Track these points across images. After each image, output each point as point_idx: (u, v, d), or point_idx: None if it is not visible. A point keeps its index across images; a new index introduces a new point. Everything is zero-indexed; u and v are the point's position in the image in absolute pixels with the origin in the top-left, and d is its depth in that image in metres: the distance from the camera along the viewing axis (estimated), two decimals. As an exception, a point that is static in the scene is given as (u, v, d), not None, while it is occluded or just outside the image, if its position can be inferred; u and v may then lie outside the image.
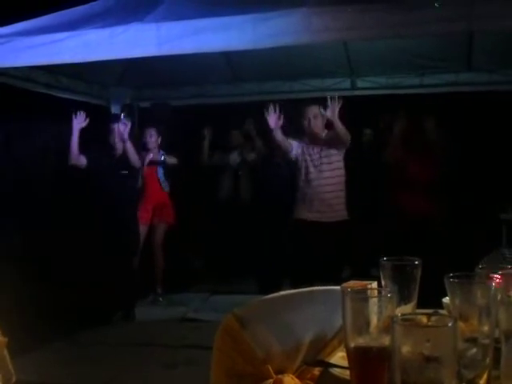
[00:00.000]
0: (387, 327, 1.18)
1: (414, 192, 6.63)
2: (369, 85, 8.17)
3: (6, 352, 2.41)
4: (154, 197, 7.53)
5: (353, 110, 8.21)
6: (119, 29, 5.05)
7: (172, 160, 7.66)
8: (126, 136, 6.81)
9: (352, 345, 1.27)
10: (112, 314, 7.00)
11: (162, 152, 7.67)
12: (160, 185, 7.59)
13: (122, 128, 6.81)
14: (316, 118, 6.11)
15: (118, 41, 5.04)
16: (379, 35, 5.05)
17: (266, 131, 6.85)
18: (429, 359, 1.03)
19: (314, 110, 6.11)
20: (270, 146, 7.58)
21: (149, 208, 7.47)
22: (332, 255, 5.91)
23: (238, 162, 8.35)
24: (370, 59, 7.49)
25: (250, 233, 7.70)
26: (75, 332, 6.36)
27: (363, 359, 1.27)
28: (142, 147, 7.46)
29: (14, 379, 2.47)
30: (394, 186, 6.90)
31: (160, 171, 7.60)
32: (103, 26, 5.16)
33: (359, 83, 8.21)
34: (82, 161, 6.79)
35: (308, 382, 1.71)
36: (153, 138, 7.62)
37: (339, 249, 6.01)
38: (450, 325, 1.06)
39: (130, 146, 6.84)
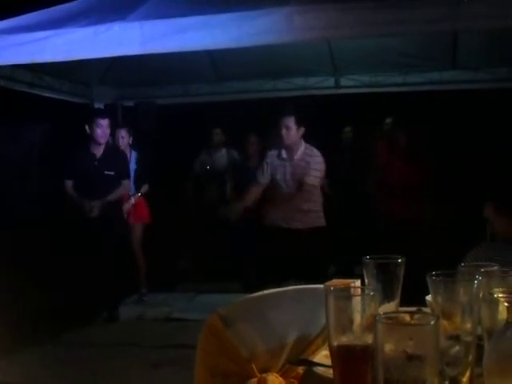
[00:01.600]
0: (370, 325, 1.19)
1: (398, 192, 6.66)
2: (352, 83, 8.18)
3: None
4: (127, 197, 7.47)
5: (336, 108, 8.26)
6: (103, 27, 5.02)
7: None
8: (107, 134, 6.83)
9: (335, 343, 1.27)
10: (95, 314, 6.97)
11: (133, 153, 7.61)
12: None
13: (103, 126, 6.80)
14: (289, 130, 6.08)
15: (101, 39, 5.01)
16: (363, 34, 5.05)
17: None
18: (411, 357, 1.03)
19: (287, 122, 6.08)
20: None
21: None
22: (315, 257, 5.93)
23: (224, 163, 8.35)
24: (353, 57, 7.49)
25: (235, 232, 7.69)
26: (59, 333, 6.33)
27: (346, 358, 1.26)
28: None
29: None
30: (376, 186, 6.93)
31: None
32: (87, 25, 5.13)
33: (343, 81, 8.22)
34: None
35: (292, 380, 1.71)
36: (124, 139, 7.54)
37: (320, 252, 6.03)
38: (432, 323, 1.06)
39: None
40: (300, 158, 6.13)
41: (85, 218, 6.74)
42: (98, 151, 6.94)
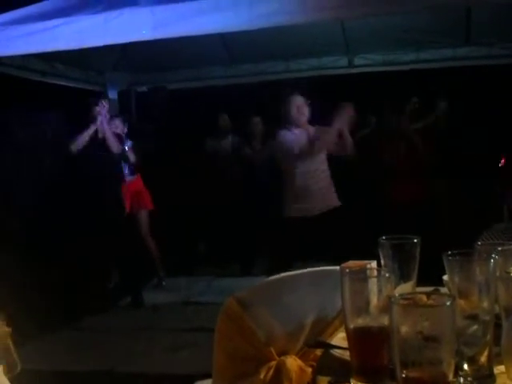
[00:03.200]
0: (386, 307, 1.18)
1: (412, 171, 6.62)
2: (366, 62, 8.13)
3: (10, 342, 2.42)
4: (128, 186, 7.44)
5: (350, 87, 8.20)
6: (114, 14, 5.01)
7: (132, 157, 7.36)
8: (103, 118, 6.77)
9: (351, 326, 1.27)
10: (117, 299, 7.03)
11: (129, 143, 7.40)
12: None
13: (100, 110, 6.76)
14: (300, 109, 5.97)
15: (112, 26, 5.00)
16: (375, 12, 5.01)
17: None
18: (427, 338, 1.03)
19: (297, 101, 5.99)
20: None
21: (127, 197, 7.39)
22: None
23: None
24: (366, 36, 7.44)
25: (255, 215, 7.69)
26: (79, 318, 6.39)
27: (363, 339, 1.27)
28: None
29: (19, 368, 2.48)
30: (390, 165, 6.88)
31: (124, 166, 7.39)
32: (97, 12, 5.12)
33: (356, 61, 8.17)
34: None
35: (311, 362, 1.71)
36: (118, 128, 7.31)
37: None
38: (448, 304, 1.06)
39: (107, 129, 6.78)
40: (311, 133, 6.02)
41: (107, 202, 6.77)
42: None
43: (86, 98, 6.99)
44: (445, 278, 1.51)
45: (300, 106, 5.93)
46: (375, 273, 1.40)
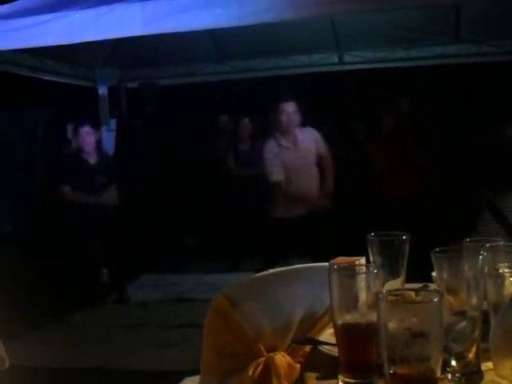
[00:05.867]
0: (375, 303, 1.18)
1: (401, 169, 6.63)
2: (356, 59, 8.13)
3: (-3, 338, 2.41)
4: None
5: (340, 84, 8.20)
6: (104, 9, 4.98)
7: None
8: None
9: (340, 322, 1.27)
10: (104, 295, 7.01)
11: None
12: None
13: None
14: (289, 115, 6.00)
15: (103, 21, 4.97)
16: (365, 8, 5.00)
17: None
18: (415, 334, 1.03)
19: (286, 107, 6.00)
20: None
21: None
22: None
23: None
24: (356, 33, 7.43)
25: (245, 211, 7.69)
26: (68, 314, 6.38)
27: (351, 336, 1.27)
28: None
29: (7, 364, 2.47)
30: (380, 163, 6.90)
31: None
32: (88, 7, 5.09)
33: (346, 58, 8.16)
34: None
35: (300, 359, 1.72)
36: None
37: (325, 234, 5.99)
38: (435, 300, 1.06)
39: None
40: (300, 141, 6.07)
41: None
42: (90, 158, 6.94)
43: (76, 93, 6.95)
44: (433, 274, 1.52)
45: (290, 114, 5.96)
46: (363, 269, 1.40)
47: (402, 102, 7.29)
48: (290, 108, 5.98)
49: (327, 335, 1.59)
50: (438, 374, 1.08)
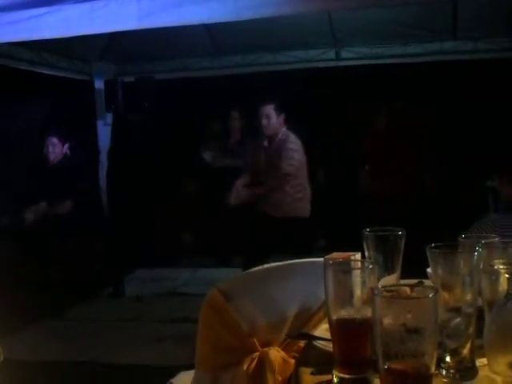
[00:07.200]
0: (370, 299, 1.18)
1: (397, 165, 6.64)
2: (353, 55, 8.12)
3: (-8, 331, 2.41)
4: None
5: (337, 80, 8.20)
6: (100, 3, 4.96)
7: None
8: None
9: (334, 317, 1.27)
10: (99, 289, 7.01)
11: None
12: None
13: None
14: (269, 119, 6.01)
15: (98, 15, 4.95)
16: (362, 4, 5.00)
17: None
18: (410, 330, 1.03)
19: (267, 110, 6.01)
20: None
21: None
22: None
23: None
24: (354, 29, 7.42)
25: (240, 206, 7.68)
26: (63, 309, 6.37)
27: (346, 331, 1.27)
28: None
29: (1, 358, 2.47)
30: (375, 159, 6.91)
31: None
32: (83, 1, 5.07)
33: (343, 54, 8.16)
34: None
35: (294, 354, 1.72)
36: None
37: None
38: (430, 296, 1.06)
39: None
40: (277, 147, 6.08)
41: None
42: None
43: (72, 87, 6.93)
44: (429, 270, 1.52)
45: (269, 116, 5.96)
46: (359, 264, 1.40)
47: (399, 97, 7.30)
48: (270, 111, 5.98)
49: (322, 330, 1.59)
50: (433, 369, 1.08)
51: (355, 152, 7.28)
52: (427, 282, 1.62)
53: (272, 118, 5.97)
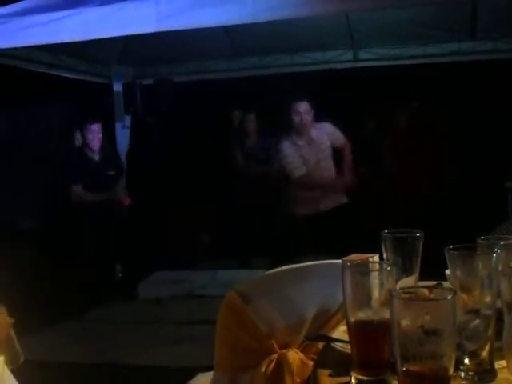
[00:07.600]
0: (388, 300, 1.18)
1: (417, 166, 6.61)
2: (371, 56, 8.10)
3: (12, 332, 2.43)
4: None
5: (355, 81, 8.19)
6: (118, 6, 5.00)
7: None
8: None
9: (352, 319, 1.27)
10: (118, 291, 7.04)
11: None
12: None
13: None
14: (307, 114, 6.03)
15: (117, 18, 4.98)
16: (380, 5, 4.99)
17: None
18: (428, 332, 1.03)
19: (298, 107, 6.03)
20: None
21: None
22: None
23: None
24: (371, 30, 7.41)
25: (258, 208, 7.68)
26: (82, 310, 6.41)
27: (363, 333, 1.26)
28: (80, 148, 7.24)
29: (22, 359, 2.48)
30: (396, 160, 6.88)
31: None
32: (102, 4, 5.11)
33: (361, 55, 8.14)
34: None
35: (312, 355, 1.71)
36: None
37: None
38: (448, 298, 1.05)
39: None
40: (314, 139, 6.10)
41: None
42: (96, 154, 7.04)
43: (91, 90, 6.98)
44: (447, 272, 1.51)
45: (304, 113, 5.97)
46: (377, 266, 1.40)
47: (417, 98, 7.27)
48: (302, 107, 6.00)
49: (340, 332, 1.59)
50: (451, 371, 1.08)
51: (374, 153, 7.25)
52: (446, 284, 1.61)
53: (303, 113, 5.99)
